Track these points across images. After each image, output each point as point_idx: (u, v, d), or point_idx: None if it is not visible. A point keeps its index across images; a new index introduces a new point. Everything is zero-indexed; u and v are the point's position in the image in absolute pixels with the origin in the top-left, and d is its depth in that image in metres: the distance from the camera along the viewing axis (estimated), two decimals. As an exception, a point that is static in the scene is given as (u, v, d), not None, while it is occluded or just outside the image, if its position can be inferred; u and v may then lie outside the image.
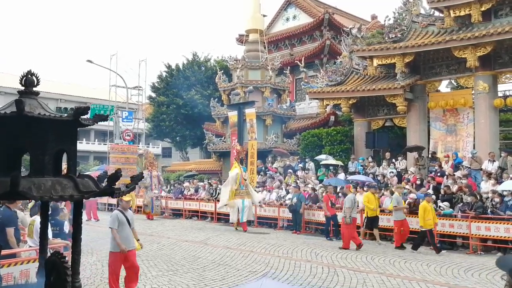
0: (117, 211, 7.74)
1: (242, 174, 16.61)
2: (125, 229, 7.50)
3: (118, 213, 7.63)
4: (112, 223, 7.47)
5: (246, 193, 16.47)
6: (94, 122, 3.05)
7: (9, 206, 7.45)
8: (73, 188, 2.64)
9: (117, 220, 7.46)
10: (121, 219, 7.51)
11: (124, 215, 7.62)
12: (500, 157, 15.50)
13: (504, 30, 15.17)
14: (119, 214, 7.60)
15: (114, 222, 7.45)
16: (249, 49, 26.91)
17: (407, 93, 18.57)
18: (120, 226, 7.44)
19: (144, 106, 37.64)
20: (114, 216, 7.59)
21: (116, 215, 7.60)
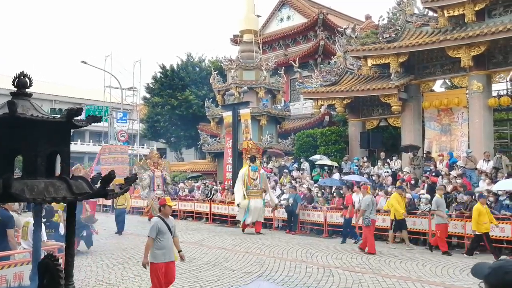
0: (158, 218, 6.98)
1: (249, 174, 15.99)
2: (165, 239, 6.77)
3: (158, 221, 6.86)
4: (151, 231, 6.75)
5: (254, 193, 15.89)
6: (88, 123, 3.02)
7: (6, 208, 7.40)
8: (66, 190, 2.61)
9: (156, 229, 6.73)
10: (161, 228, 6.77)
11: (165, 222, 6.88)
12: (494, 156, 15.57)
13: (498, 29, 15.23)
14: (159, 222, 6.84)
15: (153, 231, 6.73)
16: (244, 50, 26.89)
17: (401, 93, 18.61)
18: (160, 235, 6.73)
19: (139, 107, 37.57)
20: (154, 224, 6.83)
21: (156, 223, 6.83)
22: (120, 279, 8.88)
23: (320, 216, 15.61)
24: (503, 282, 1.91)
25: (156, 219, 6.94)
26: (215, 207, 19.58)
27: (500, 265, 1.99)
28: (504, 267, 1.96)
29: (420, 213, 13.26)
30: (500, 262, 2.02)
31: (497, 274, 1.95)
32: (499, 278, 1.94)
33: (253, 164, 16.30)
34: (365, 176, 17.55)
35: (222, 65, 27.91)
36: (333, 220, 15.18)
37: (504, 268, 1.95)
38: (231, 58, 27.66)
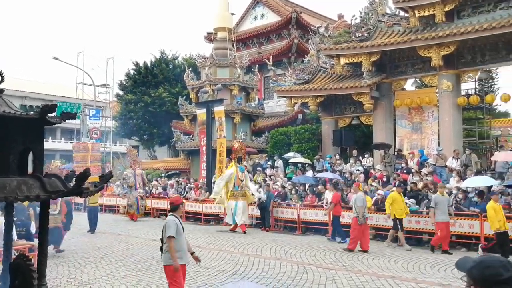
0: (173, 217, 6.38)
1: (238, 174, 15.73)
2: (182, 239, 6.35)
3: (176, 219, 6.33)
4: (172, 230, 6.15)
5: (241, 194, 15.71)
6: (62, 120, 2.96)
7: None
8: (39, 188, 2.55)
9: (175, 228, 6.20)
10: (178, 227, 6.27)
11: (180, 222, 6.40)
12: (464, 154, 15.98)
13: (467, 30, 15.61)
14: (177, 221, 6.32)
15: (173, 230, 6.15)
16: (218, 47, 26.79)
17: (373, 92, 18.89)
18: (178, 235, 6.24)
19: (112, 104, 37.00)
20: (172, 222, 6.23)
21: (174, 221, 6.27)
22: (93, 278, 8.73)
23: (293, 214, 15.72)
24: (484, 276, 1.97)
25: (173, 218, 6.31)
26: (188, 205, 19.46)
27: (482, 259, 2.05)
28: (486, 261, 2.02)
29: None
30: (483, 257, 2.08)
31: (479, 268, 2.00)
32: (480, 272, 1.99)
33: (239, 165, 16.15)
34: (338, 173, 17.77)
35: (196, 63, 27.75)
36: (307, 217, 15.32)
37: (486, 263, 2.01)
38: (205, 55, 27.53)
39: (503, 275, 1.94)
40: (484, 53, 16.67)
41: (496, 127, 24.76)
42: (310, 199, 15.97)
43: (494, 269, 1.97)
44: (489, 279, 1.94)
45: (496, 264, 1.98)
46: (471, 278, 2.03)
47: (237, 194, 15.64)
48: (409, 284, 8.25)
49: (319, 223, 15.05)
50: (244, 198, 15.65)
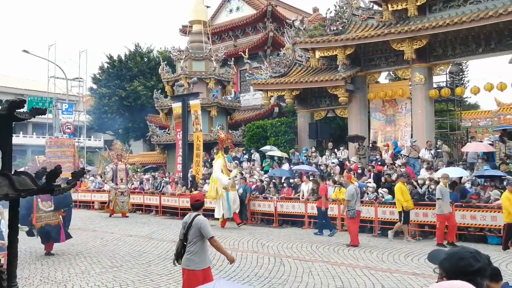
0: (203, 216, 5.86)
1: (226, 164, 15.42)
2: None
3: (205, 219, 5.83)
4: (211, 230, 5.73)
5: (232, 185, 15.37)
6: (31, 116, 2.88)
7: None
8: (8, 186, 2.48)
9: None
10: None
11: None
12: (436, 145, 16.33)
13: (438, 24, 15.90)
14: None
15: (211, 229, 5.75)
16: (193, 40, 26.58)
17: (348, 85, 19.07)
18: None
19: (85, 98, 36.33)
20: (207, 222, 5.79)
21: (207, 221, 5.84)
22: (67, 276, 8.59)
23: (270, 206, 15.80)
24: (456, 267, 2.00)
25: (203, 217, 5.83)
26: (165, 200, 19.34)
27: (455, 251, 2.08)
28: (459, 253, 2.04)
29: (368, 201, 13.68)
30: (456, 248, 2.11)
31: (451, 259, 2.03)
32: (452, 264, 2.02)
33: (227, 155, 15.76)
34: (314, 166, 17.92)
35: (171, 56, 27.47)
36: (283, 210, 15.42)
37: (459, 254, 2.04)
38: (180, 48, 27.26)
39: (474, 265, 1.98)
40: (455, 47, 17.03)
41: (467, 118, 25.41)
42: (287, 191, 16.08)
43: (466, 260, 2.00)
44: (461, 270, 1.98)
45: (467, 255, 2.02)
46: (443, 269, 2.06)
47: (228, 185, 15.31)
48: (383, 274, 8.41)
49: (295, 215, 15.18)
50: (233, 189, 15.39)
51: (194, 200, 5.87)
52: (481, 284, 1.96)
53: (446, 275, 2.03)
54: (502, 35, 15.92)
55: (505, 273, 8.25)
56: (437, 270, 2.11)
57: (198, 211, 5.85)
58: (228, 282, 3.06)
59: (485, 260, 2.02)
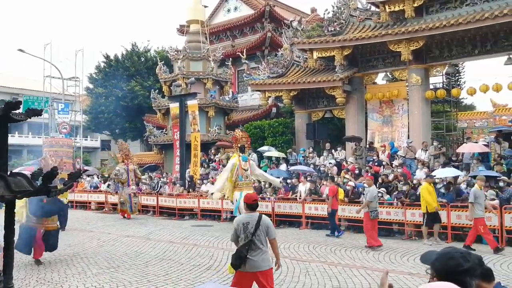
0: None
1: (240, 164, 14.74)
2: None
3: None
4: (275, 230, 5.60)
5: (245, 184, 14.63)
6: (27, 117, 2.89)
7: None
8: (4, 188, 2.48)
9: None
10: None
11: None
12: (431, 146, 16.38)
13: (435, 25, 15.96)
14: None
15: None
16: (191, 40, 26.56)
17: (345, 85, 19.12)
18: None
19: (82, 98, 36.25)
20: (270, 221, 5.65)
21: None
22: (64, 277, 8.58)
23: (268, 207, 15.79)
24: (447, 267, 2.03)
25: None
26: (162, 200, 19.33)
27: (446, 251, 2.12)
28: (450, 253, 2.08)
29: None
30: (447, 249, 2.15)
31: (442, 259, 2.07)
32: (443, 263, 2.05)
33: (243, 154, 15.20)
34: (311, 166, 17.95)
35: (169, 56, 27.44)
36: (281, 210, 15.43)
37: (449, 254, 2.07)
38: (178, 48, 27.24)
39: (464, 265, 2.01)
40: (451, 48, 17.11)
41: (463, 119, 25.52)
42: (284, 192, 16.08)
43: (455, 260, 2.04)
44: (451, 270, 2.01)
45: (457, 255, 2.05)
46: (434, 270, 2.09)
47: (242, 185, 14.60)
48: (380, 274, 8.42)
49: (293, 215, 15.19)
50: (249, 188, 14.62)
51: (252, 199, 5.69)
52: (471, 284, 1.98)
53: (436, 275, 2.06)
54: (497, 36, 16.00)
55: (499, 273, 8.29)
56: (429, 271, 2.14)
57: (255, 211, 5.66)
58: (217, 285, 3.06)
59: (475, 260, 2.05)
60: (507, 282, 7.66)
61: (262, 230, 5.45)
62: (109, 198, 21.41)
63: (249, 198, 5.71)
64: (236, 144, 15.42)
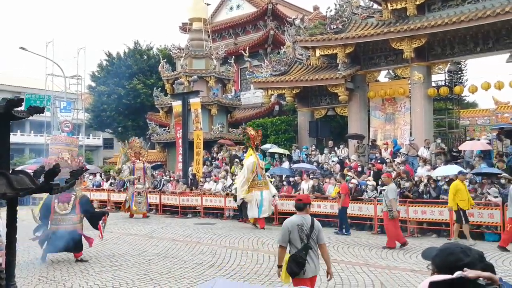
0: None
1: (258, 162, 14.50)
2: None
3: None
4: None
5: (264, 183, 14.37)
6: (29, 115, 2.88)
7: None
8: (6, 186, 2.49)
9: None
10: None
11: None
12: (433, 143, 16.37)
13: (437, 23, 15.93)
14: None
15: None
16: (193, 38, 26.57)
17: (348, 83, 19.10)
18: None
19: (84, 96, 36.32)
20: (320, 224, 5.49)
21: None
22: (66, 275, 8.59)
23: (270, 205, 15.77)
24: (447, 262, 2.03)
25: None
26: (165, 198, 19.36)
27: (446, 247, 2.12)
28: (449, 248, 2.08)
29: (367, 199, 13.70)
30: (447, 244, 2.15)
31: (442, 255, 2.07)
32: (443, 259, 2.06)
33: (258, 153, 14.79)
34: (314, 164, 17.94)
35: (171, 53, 27.46)
36: (284, 208, 15.41)
37: (449, 250, 2.07)
38: (180, 46, 27.26)
39: (464, 260, 2.01)
40: (453, 46, 17.09)
41: (465, 117, 25.49)
42: (287, 190, 16.09)
43: (456, 255, 2.04)
44: (451, 265, 2.01)
45: (457, 250, 2.06)
46: (435, 265, 2.10)
47: (261, 184, 14.29)
48: (382, 271, 8.43)
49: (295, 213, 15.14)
50: (266, 188, 14.33)
51: (298, 199, 5.50)
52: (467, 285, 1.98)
53: (437, 271, 2.07)
54: (499, 34, 15.97)
55: (501, 269, 8.29)
56: (430, 267, 2.14)
57: (302, 212, 5.42)
58: (226, 281, 3.07)
59: (475, 255, 2.05)
60: (509, 278, 7.64)
61: (316, 233, 5.25)
62: (111, 196, 21.45)
63: (300, 199, 5.49)
64: (253, 142, 14.88)
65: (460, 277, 1.88)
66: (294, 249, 5.16)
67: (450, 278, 1.89)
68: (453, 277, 1.89)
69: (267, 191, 14.20)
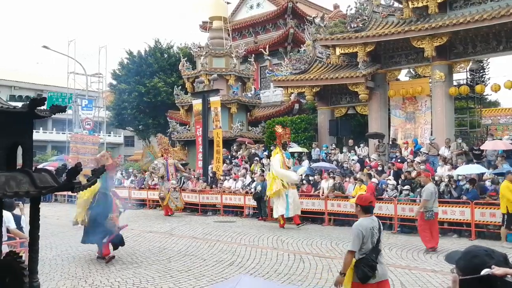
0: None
1: (285, 160, 14.27)
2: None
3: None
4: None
5: (290, 182, 14.22)
6: (52, 114, 2.92)
7: None
8: (29, 184, 2.53)
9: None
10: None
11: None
12: (454, 142, 16.11)
13: (459, 21, 15.68)
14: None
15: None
16: (213, 37, 26.66)
17: (368, 82, 18.93)
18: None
19: (105, 94, 36.78)
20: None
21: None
22: (87, 272, 8.73)
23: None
24: (471, 265, 2.01)
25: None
26: (185, 196, 19.47)
27: (469, 250, 2.11)
28: (473, 251, 2.07)
29: (387, 199, 13.56)
30: (470, 247, 2.13)
31: (466, 258, 2.06)
32: (467, 262, 2.04)
33: (285, 151, 14.66)
34: (334, 163, 17.84)
35: (191, 52, 27.61)
36: (303, 206, 15.31)
37: (473, 253, 2.06)
38: (201, 45, 27.38)
39: (488, 262, 1.99)
40: (476, 44, 16.80)
41: (487, 116, 25.01)
42: (306, 188, 16.03)
43: (479, 257, 2.02)
44: (476, 268, 1.99)
45: (481, 253, 2.04)
46: (459, 268, 2.08)
47: (297, 181, 14.35)
48: (402, 271, 8.34)
49: (315, 212, 15.14)
50: (293, 186, 14.17)
51: (368, 201, 5.14)
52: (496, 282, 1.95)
53: (461, 274, 2.04)
54: (523, 32, 15.60)
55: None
56: (454, 270, 2.12)
57: (371, 214, 5.15)
58: (251, 278, 3.06)
59: (500, 257, 2.02)
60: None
61: (382, 236, 5.10)
62: (132, 193, 21.68)
63: (365, 200, 5.17)
64: (280, 141, 14.87)
65: (488, 275, 1.86)
66: (361, 253, 4.89)
67: (478, 276, 1.87)
68: (481, 275, 1.87)
69: (292, 190, 14.02)
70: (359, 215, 5.15)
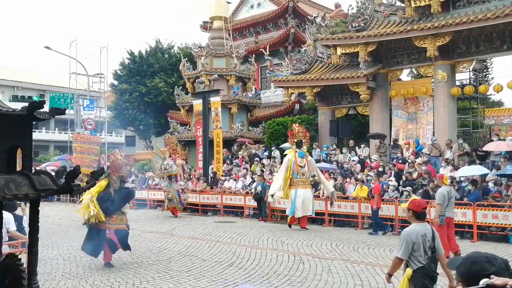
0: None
1: (296, 160, 13.89)
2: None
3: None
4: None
5: (301, 182, 13.82)
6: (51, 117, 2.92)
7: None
8: (28, 186, 2.52)
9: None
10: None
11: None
12: (456, 143, 16.06)
13: (462, 21, 15.60)
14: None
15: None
16: (214, 37, 26.63)
17: (370, 82, 18.88)
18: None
19: (106, 94, 36.78)
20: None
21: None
22: (88, 272, 8.74)
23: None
24: (471, 271, 2.01)
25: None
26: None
27: (469, 256, 2.11)
28: (473, 258, 2.07)
29: (387, 200, 13.53)
30: (472, 253, 2.13)
31: (466, 264, 2.05)
32: (467, 268, 2.04)
33: (299, 150, 14.33)
34: (334, 163, 17.82)
35: (192, 52, 27.59)
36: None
37: (473, 259, 2.06)
38: (201, 45, 27.36)
39: (489, 269, 1.98)
40: (479, 44, 16.71)
41: (490, 116, 24.94)
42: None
43: (480, 264, 2.02)
44: (476, 274, 1.99)
45: (481, 259, 2.03)
46: (459, 275, 2.08)
47: (297, 182, 13.83)
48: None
49: (315, 212, 15.08)
50: (305, 186, 13.80)
51: (421, 207, 4.84)
52: None
53: (462, 280, 2.04)
54: (527, 32, 15.55)
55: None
56: (455, 276, 2.11)
57: (424, 220, 4.89)
58: (250, 286, 3.04)
59: (501, 264, 2.01)
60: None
61: (437, 244, 4.77)
62: (133, 193, 21.60)
63: (418, 206, 4.84)
64: (292, 139, 14.61)
65: (487, 285, 1.85)
66: (416, 262, 4.64)
67: (477, 287, 1.86)
68: (480, 286, 1.86)
69: (303, 190, 13.65)
70: (411, 220, 4.88)
